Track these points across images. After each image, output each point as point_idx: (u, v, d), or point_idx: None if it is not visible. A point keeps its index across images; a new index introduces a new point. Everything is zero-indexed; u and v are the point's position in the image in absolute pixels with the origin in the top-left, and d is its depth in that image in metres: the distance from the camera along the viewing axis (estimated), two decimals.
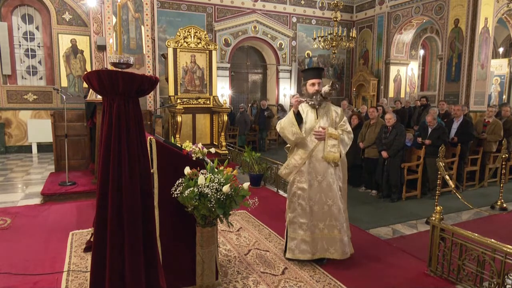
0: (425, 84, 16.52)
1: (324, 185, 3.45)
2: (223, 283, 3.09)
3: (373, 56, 13.97)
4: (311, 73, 3.63)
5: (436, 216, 3.36)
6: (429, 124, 6.19)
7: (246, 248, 3.85)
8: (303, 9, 13.74)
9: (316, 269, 3.39)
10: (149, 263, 2.26)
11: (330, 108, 3.58)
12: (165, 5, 11.54)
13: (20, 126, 9.72)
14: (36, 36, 9.97)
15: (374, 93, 13.76)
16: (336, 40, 10.91)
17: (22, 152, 9.71)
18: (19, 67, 9.88)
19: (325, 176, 3.45)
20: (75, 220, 4.63)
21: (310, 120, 3.52)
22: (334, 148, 3.43)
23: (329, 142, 3.45)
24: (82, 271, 3.27)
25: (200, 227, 2.73)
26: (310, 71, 3.73)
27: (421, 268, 3.46)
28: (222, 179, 2.60)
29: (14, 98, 9.65)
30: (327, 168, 3.45)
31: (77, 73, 10.12)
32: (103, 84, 2.08)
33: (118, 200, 2.14)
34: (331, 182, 3.45)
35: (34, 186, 6.33)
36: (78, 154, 7.07)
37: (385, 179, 5.93)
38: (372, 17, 13.86)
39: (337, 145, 3.44)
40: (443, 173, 4.48)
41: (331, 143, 3.45)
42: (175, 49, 7.74)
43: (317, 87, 3.51)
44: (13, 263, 3.42)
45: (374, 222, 4.88)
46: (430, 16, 11.72)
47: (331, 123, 3.51)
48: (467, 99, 10.52)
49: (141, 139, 2.22)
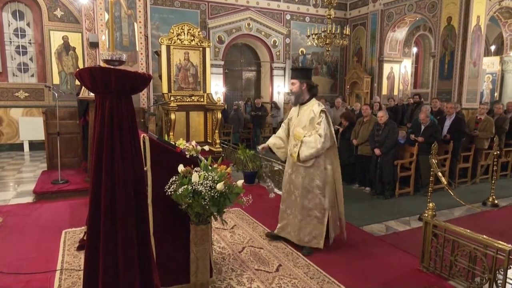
0: (418, 81, 16.61)
1: (293, 177, 3.79)
2: (217, 281, 3.09)
3: (367, 53, 14.01)
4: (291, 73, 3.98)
5: (428, 212, 3.39)
6: (422, 121, 6.23)
7: (240, 245, 3.85)
8: (297, 6, 13.73)
9: (310, 266, 3.40)
10: (143, 261, 2.24)
11: (311, 107, 3.71)
12: (158, 2, 11.46)
13: (11, 124, 9.61)
14: (27, 32, 9.85)
15: (367, 91, 13.80)
16: (329, 37, 10.92)
17: (14, 150, 9.60)
18: (10, 64, 9.75)
19: (294, 169, 3.78)
20: (68, 219, 4.59)
21: (294, 117, 3.88)
22: (296, 148, 3.66)
23: (292, 142, 3.75)
24: (75, 270, 3.25)
25: (194, 224, 2.72)
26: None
27: (414, 264, 3.49)
28: (216, 176, 2.59)
29: (5, 96, 9.52)
30: (295, 163, 3.73)
31: (69, 70, 10.02)
32: (95, 81, 2.05)
33: (111, 198, 2.12)
34: (301, 176, 3.69)
35: (26, 185, 6.27)
36: (70, 152, 7.00)
37: (378, 176, 5.96)
38: (365, 14, 13.89)
39: (298, 146, 3.64)
40: (435, 170, 4.52)
41: (293, 143, 3.74)
42: (169, 46, 7.69)
43: (291, 87, 3.83)
44: (5, 262, 3.39)
45: (367, 219, 4.91)
46: (423, 14, 11.78)
47: (311, 122, 3.66)
48: (459, 96, 10.59)
49: (134, 137, 2.20)
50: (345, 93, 14.72)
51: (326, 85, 14.91)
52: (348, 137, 6.67)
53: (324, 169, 3.69)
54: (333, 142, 3.70)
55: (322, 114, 3.60)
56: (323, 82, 14.82)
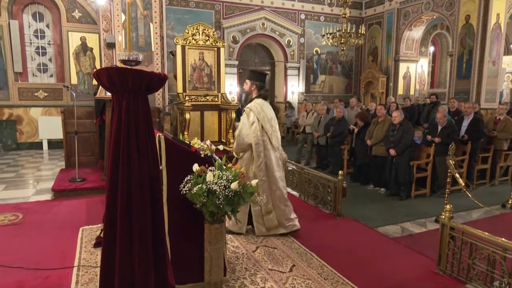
0: (435, 81, 16.32)
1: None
2: (231, 280, 3.10)
3: (382, 53, 13.84)
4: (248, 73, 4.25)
5: (446, 214, 3.33)
6: (439, 121, 6.13)
7: (254, 245, 3.86)
8: (311, 5, 13.66)
9: (324, 267, 3.39)
10: (158, 259, 2.27)
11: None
12: (174, 3, 11.56)
13: (31, 123, 9.84)
14: (47, 33, 10.07)
15: (383, 91, 13.64)
16: (344, 37, 10.82)
17: (33, 148, 9.83)
18: (30, 64, 9.99)
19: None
20: (85, 216, 4.68)
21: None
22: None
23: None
24: (92, 266, 3.31)
25: (208, 223, 2.74)
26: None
27: (430, 266, 3.43)
28: (230, 176, 2.60)
29: (25, 95, 9.76)
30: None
31: (87, 70, 10.20)
32: (113, 81, 2.09)
33: (127, 196, 2.15)
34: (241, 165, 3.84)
35: (45, 182, 6.42)
36: (87, 151, 7.14)
37: (394, 177, 5.89)
38: (381, 13, 13.72)
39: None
40: (453, 171, 4.43)
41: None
42: (184, 46, 7.74)
43: (244, 85, 4.14)
44: (24, 257, 3.47)
45: (382, 220, 4.85)
46: (440, 12, 11.57)
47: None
48: (478, 96, 10.36)
49: (150, 136, 2.23)
50: (359, 93, 14.58)
51: (340, 85, 14.80)
52: (363, 137, 6.61)
53: (251, 165, 3.90)
54: (252, 141, 3.87)
55: (244, 112, 3.92)
56: (337, 81, 14.72)
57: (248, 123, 3.85)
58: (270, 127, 3.93)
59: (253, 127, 3.82)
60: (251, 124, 3.84)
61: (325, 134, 7.81)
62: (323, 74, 14.41)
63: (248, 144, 3.89)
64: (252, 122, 3.83)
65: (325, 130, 7.81)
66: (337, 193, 4.86)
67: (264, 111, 3.90)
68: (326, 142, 7.87)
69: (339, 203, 4.84)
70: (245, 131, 3.85)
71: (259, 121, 3.84)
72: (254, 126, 3.82)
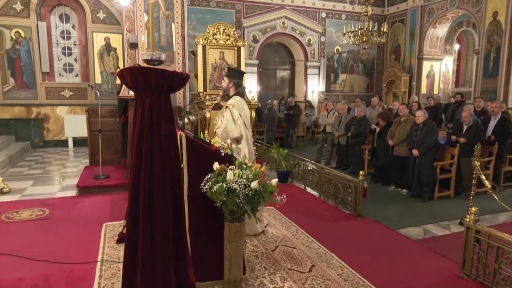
0: (460, 80, 15.86)
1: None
2: (250, 278, 3.11)
3: (405, 51, 13.57)
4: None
5: (471, 217, 3.24)
6: (464, 121, 5.96)
7: (273, 244, 3.86)
8: (332, 4, 13.52)
9: (344, 268, 3.35)
10: (179, 256, 2.30)
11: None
12: (195, 3, 11.67)
13: (57, 121, 10.15)
14: (72, 34, 10.36)
15: (405, 90, 13.36)
16: (366, 35, 10.67)
17: (59, 146, 10.14)
18: (56, 64, 10.31)
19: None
20: (108, 212, 4.79)
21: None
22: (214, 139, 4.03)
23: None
24: (115, 262, 3.38)
25: (228, 222, 2.75)
26: None
27: (454, 270, 3.34)
28: (250, 175, 2.61)
29: (52, 95, 10.08)
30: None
31: (110, 70, 10.44)
32: (136, 80, 2.13)
33: (149, 194, 2.19)
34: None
35: (70, 179, 6.61)
36: (111, 149, 7.30)
37: (416, 177, 5.77)
38: (404, 11, 13.44)
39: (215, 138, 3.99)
40: (478, 173, 4.30)
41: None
42: (204, 46, 7.80)
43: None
44: (51, 251, 3.59)
45: (404, 221, 4.76)
46: (466, 9, 11.23)
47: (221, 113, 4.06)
48: (505, 95, 10.01)
49: (172, 134, 2.26)
50: (381, 92, 14.34)
51: (361, 84, 14.60)
52: (385, 137, 6.50)
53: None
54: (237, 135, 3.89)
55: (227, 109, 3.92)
56: (358, 80, 14.53)
57: (232, 119, 3.95)
58: (248, 123, 4.11)
59: (239, 122, 3.94)
60: (237, 120, 3.94)
61: (346, 133, 7.73)
62: (344, 73, 14.25)
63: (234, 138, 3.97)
64: (237, 118, 3.94)
65: (346, 130, 7.74)
66: (357, 194, 4.80)
67: (244, 108, 4.04)
68: (347, 142, 7.79)
69: (359, 204, 4.78)
70: (230, 126, 3.92)
71: (241, 117, 3.95)
72: (239, 121, 3.94)
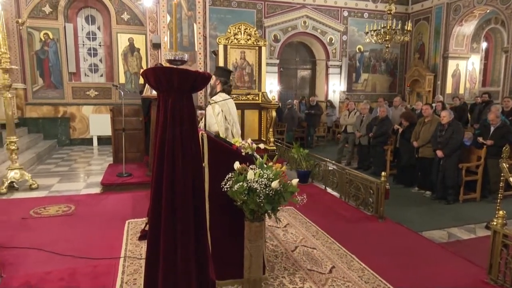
0: (487, 79, 15.36)
1: None
2: (270, 278, 3.12)
3: (430, 50, 13.25)
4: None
5: (498, 221, 3.13)
6: (492, 122, 5.77)
7: (293, 244, 3.85)
8: (355, 2, 13.35)
9: (365, 270, 3.31)
10: (200, 254, 2.33)
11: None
12: (216, 3, 11.76)
13: (82, 120, 10.44)
14: (98, 35, 10.63)
15: (430, 89, 13.05)
16: (389, 33, 10.48)
17: (85, 144, 10.43)
18: (82, 65, 10.61)
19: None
20: (130, 210, 4.90)
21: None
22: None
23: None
24: (137, 258, 3.46)
25: (248, 221, 2.76)
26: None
27: (479, 275, 3.25)
28: (271, 174, 2.61)
29: (78, 94, 10.37)
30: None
31: (134, 70, 10.66)
32: (160, 80, 2.17)
33: (171, 192, 2.22)
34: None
35: (95, 176, 6.78)
36: (134, 147, 7.44)
37: (440, 179, 5.63)
38: (429, 8, 13.13)
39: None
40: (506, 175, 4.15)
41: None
42: (226, 45, 7.85)
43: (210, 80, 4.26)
44: (76, 247, 3.69)
45: (427, 224, 4.66)
46: (494, 6, 10.87)
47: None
48: None
49: (194, 134, 2.29)
50: (404, 91, 14.05)
51: (384, 83, 14.35)
52: (408, 137, 6.38)
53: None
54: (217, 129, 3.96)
55: (210, 104, 4.00)
56: (381, 80, 14.29)
57: (213, 114, 4.07)
58: (231, 119, 4.18)
59: (219, 117, 4.04)
60: (217, 115, 4.04)
61: (367, 134, 7.62)
62: (366, 73, 14.04)
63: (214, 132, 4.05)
64: (217, 113, 4.05)
65: (368, 130, 7.63)
66: (379, 195, 4.72)
67: (227, 104, 4.11)
68: (368, 142, 7.68)
69: (381, 205, 4.71)
70: (210, 120, 4.04)
71: (222, 112, 4.05)
72: (219, 116, 4.04)
